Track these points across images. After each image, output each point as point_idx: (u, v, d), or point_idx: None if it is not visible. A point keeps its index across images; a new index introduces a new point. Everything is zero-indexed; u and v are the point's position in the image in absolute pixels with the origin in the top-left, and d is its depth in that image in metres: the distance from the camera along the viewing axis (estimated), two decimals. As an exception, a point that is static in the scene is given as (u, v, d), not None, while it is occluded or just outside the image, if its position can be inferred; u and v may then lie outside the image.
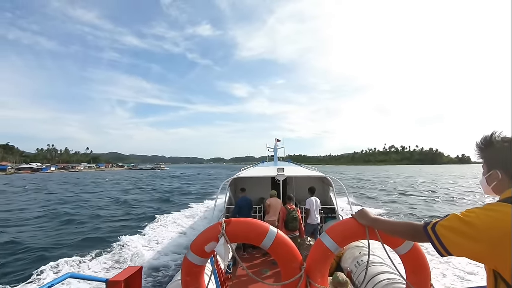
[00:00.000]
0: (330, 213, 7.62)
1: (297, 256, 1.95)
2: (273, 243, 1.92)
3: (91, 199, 22.69)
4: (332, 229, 1.91)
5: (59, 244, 9.98)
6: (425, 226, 1.17)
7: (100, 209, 17.52)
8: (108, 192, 28.35)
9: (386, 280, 3.48)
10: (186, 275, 2.01)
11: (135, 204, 19.26)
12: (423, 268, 1.94)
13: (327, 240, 1.86)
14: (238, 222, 1.97)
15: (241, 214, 6.08)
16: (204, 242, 1.92)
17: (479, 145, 1.16)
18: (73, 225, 13.13)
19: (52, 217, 14.96)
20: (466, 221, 1.01)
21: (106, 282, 2.56)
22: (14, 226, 13.02)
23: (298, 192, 8.61)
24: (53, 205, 19.29)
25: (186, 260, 1.99)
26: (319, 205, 6.43)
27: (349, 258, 4.70)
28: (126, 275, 2.66)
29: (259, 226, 1.97)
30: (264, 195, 7.99)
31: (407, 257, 1.92)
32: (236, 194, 8.94)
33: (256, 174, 8.62)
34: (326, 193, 8.78)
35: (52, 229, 12.32)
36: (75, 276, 2.37)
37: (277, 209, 6.12)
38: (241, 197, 6.67)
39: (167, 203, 19.87)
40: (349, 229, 1.83)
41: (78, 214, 15.58)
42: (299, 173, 8.48)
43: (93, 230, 11.92)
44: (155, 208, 17.00)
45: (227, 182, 7.25)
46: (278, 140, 20.65)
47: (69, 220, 14.06)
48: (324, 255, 1.88)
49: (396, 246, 1.88)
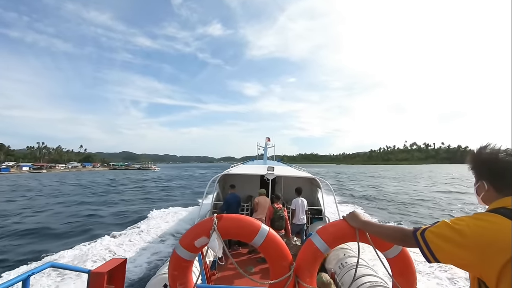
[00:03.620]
0: (317, 214, 7.78)
1: (287, 255, 2.00)
2: (264, 241, 1.97)
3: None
4: (323, 230, 1.95)
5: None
6: (414, 231, 1.21)
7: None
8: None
9: (369, 282, 3.60)
10: (174, 270, 2.05)
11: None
12: (410, 273, 1.99)
13: (317, 240, 1.90)
14: (230, 218, 2.01)
15: (229, 210, 6.22)
16: (195, 237, 1.96)
17: (470, 155, 1.22)
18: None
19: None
20: (456, 228, 1.05)
21: (88, 273, 2.61)
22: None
23: (286, 192, 8.77)
24: None
25: (175, 255, 2.02)
26: (306, 206, 6.61)
27: (333, 260, 4.81)
28: (110, 267, 2.71)
29: (251, 224, 2.01)
30: (252, 193, 8.54)
31: (394, 261, 1.97)
32: (224, 190, 9.14)
33: (246, 172, 8.70)
34: (314, 194, 8.96)
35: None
36: (56, 265, 2.40)
37: (265, 207, 6.26)
38: (230, 193, 6.95)
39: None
40: (340, 231, 1.87)
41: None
42: (288, 173, 8.55)
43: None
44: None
45: (216, 178, 7.39)
46: (269, 139, 20.82)
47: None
48: (313, 255, 1.92)
49: (385, 250, 1.93)
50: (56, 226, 12.90)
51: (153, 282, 3.63)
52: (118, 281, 2.87)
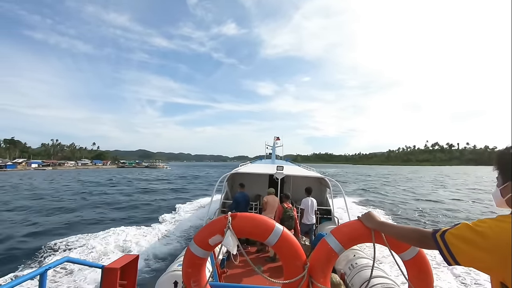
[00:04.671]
0: (326, 214, 7.76)
1: (301, 254, 1.99)
2: (278, 240, 1.96)
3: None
4: (338, 230, 1.95)
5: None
6: (433, 233, 1.19)
7: None
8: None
9: (381, 284, 3.56)
10: (188, 267, 2.08)
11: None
12: (427, 275, 1.94)
13: (332, 240, 1.89)
14: (244, 217, 2.01)
15: (238, 209, 6.30)
16: (209, 235, 1.98)
17: (496, 155, 1.18)
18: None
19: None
20: (478, 231, 1.03)
21: (102, 268, 2.64)
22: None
23: (295, 192, 8.72)
24: None
25: (189, 252, 2.04)
26: (315, 206, 6.58)
27: (343, 260, 4.76)
28: (123, 263, 2.76)
29: (265, 222, 2.01)
30: (261, 192, 8.60)
31: (411, 263, 1.93)
32: (233, 189, 9.28)
33: (254, 171, 8.71)
34: (323, 194, 8.94)
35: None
36: (72, 260, 2.43)
37: (274, 207, 6.25)
38: (239, 192, 7.02)
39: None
40: (354, 231, 1.86)
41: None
42: (297, 172, 8.51)
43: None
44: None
45: (225, 177, 7.45)
46: (278, 139, 20.55)
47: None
48: (328, 256, 1.91)
49: (401, 252, 1.89)
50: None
51: (164, 279, 3.69)
52: (130, 277, 2.96)
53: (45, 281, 2.04)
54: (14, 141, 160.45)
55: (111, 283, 2.60)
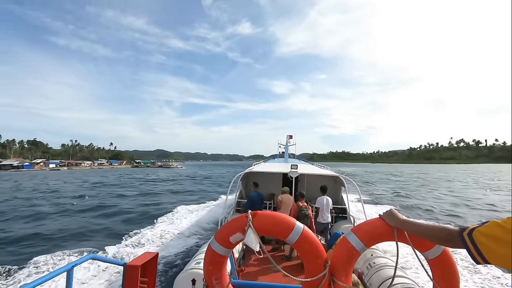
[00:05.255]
0: (341, 213, 7.68)
1: (322, 253, 1.98)
2: (299, 239, 1.96)
3: None
4: (359, 228, 1.93)
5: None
6: (460, 231, 1.17)
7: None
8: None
9: (400, 284, 3.47)
10: (209, 264, 2.09)
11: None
12: (452, 275, 1.88)
13: (353, 239, 1.88)
14: (265, 215, 2.02)
15: (253, 208, 5.85)
16: (230, 233, 1.99)
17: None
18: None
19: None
20: (508, 228, 1.00)
21: (124, 265, 2.71)
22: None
23: (309, 191, 8.64)
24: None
25: (210, 250, 2.06)
26: (331, 205, 6.52)
27: (361, 260, 4.57)
28: (143, 261, 2.81)
29: (286, 221, 2.02)
30: (275, 191, 8.55)
31: (435, 262, 1.88)
32: (247, 188, 9.31)
33: (268, 170, 8.65)
34: (338, 192, 8.79)
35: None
36: (96, 258, 2.52)
37: (289, 205, 6.23)
38: (253, 191, 7.04)
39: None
40: (376, 230, 1.84)
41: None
42: (311, 171, 8.41)
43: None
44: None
45: (239, 176, 7.46)
46: (290, 137, 20.10)
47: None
48: (349, 254, 1.89)
49: (425, 250, 1.85)
50: None
51: (182, 277, 3.71)
52: (151, 274, 3.01)
53: (72, 277, 2.14)
54: (36, 142, 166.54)
55: (133, 280, 2.69)
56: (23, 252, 8.79)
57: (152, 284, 2.96)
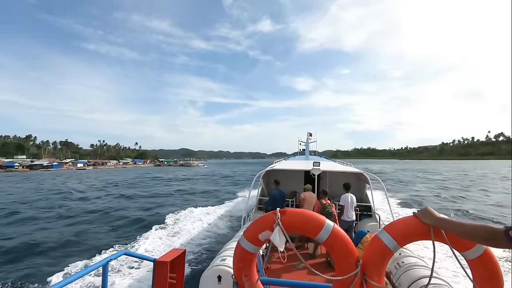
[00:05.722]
0: (366, 211, 7.60)
1: (354, 251, 1.94)
2: (329, 237, 1.91)
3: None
4: (392, 226, 1.88)
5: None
6: (506, 230, 1.11)
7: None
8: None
9: (432, 285, 3.36)
10: (239, 262, 2.11)
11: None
12: (495, 276, 1.76)
13: (385, 237, 1.82)
14: (294, 213, 2.01)
15: (275, 206, 6.11)
16: (258, 231, 1.99)
17: None
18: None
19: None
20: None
21: (154, 261, 2.90)
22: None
23: (331, 188, 8.42)
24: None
25: (239, 247, 2.08)
26: (355, 202, 6.40)
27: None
28: (172, 257, 3.00)
29: (315, 218, 1.98)
30: (297, 188, 8.53)
31: (476, 262, 1.77)
32: (268, 186, 9.31)
33: (290, 167, 8.76)
34: (362, 190, 8.77)
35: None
36: (129, 253, 2.71)
37: (312, 203, 6.23)
38: (275, 189, 7.07)
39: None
40: (410, 228, 1.78)
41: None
42: (334, 168, 8.40)
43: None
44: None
45: (261, 174, 7.57)
46: (310, 134, 20.28)
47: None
48: (382, 253, 1.83)
49: (464, 250, 1.75)
50: None
51: (208, 274, 3.79)
52: (179, 270, 3.20)
53: (107, 271, 2.34)
54: (68, 143, 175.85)
55: (163, 275, 2.87)
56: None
57: (181, 280, 3.18)
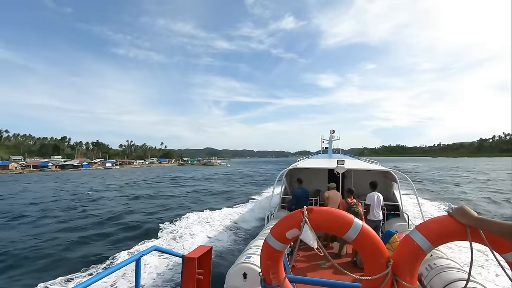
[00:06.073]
0: (393, 210, 7.33)
1: (384, 251, 1.91)
2: (358, 236, 1.91)
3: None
4: (425, 226, 1.82)
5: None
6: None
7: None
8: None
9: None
10: (266, 259, 2.15)
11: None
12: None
13: (418, 237, 1.77)
14: (321, 211, 2.03)
15: (299, 205, 6.26)
16: (285, 229, 2.02)
17: None
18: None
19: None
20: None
21: (182, 257, 3.02)
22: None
23: (357, 186, 8.09)
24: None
25: (266, 245, 2.10)
26: (382, 201, 6.18)
27: None
28: (200, 253, 3.11)
29: (343, 217, 1.98)
30: (320, 187, 8.41)
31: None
32: (291, 185, 9.21)
33: (313, 166, 8.57)
34: (389, 189, 8.44)
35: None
36: (159, 249, 2.77)
37: (337, 202, 6.16)
38: (298, 188, 7.01)
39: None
40: (444, 228, 1.72)
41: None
42: (359, 166, 8.20)
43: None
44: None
45: (284, 173, 7.53)
46: (333, 132, 20.11)
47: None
48: (414, 253, 1.79)
49: (504, 252, 1.65)
50: None
51: (234, 271, 3.86)
52: (206, 266, 3.29)
53: (140, 266, 2.44)
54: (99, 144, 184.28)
55: (191, 271, 2.99)
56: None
57: (208, 276, 3.27)
